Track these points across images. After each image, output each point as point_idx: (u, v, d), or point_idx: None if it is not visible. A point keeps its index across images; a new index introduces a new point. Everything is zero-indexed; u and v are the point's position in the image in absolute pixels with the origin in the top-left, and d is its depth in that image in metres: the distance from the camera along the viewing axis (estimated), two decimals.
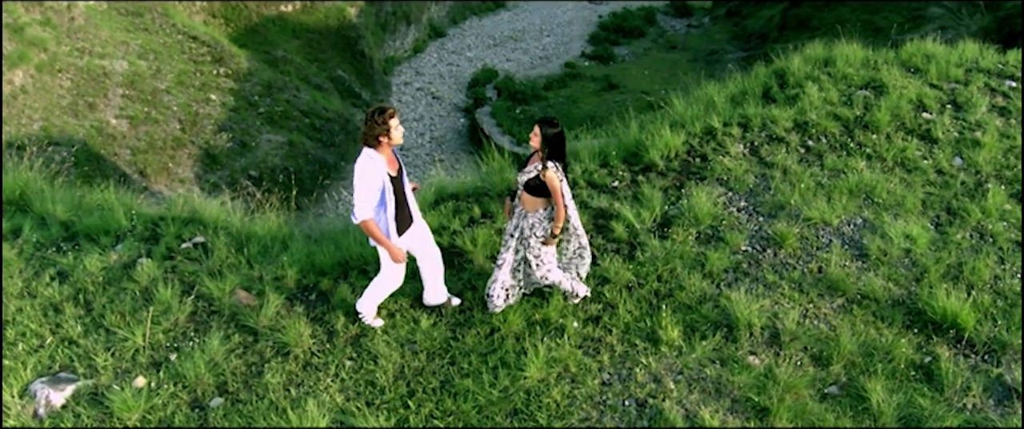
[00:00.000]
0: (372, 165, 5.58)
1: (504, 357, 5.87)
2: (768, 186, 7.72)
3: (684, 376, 5.70)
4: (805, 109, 8.77)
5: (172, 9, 24.20)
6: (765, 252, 6.91)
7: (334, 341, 6.14)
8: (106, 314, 6.34)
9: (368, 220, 5.60)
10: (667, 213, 7.37)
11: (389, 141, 5.61)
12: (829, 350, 5.87)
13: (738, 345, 5.95)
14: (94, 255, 7.05)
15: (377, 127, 5.53)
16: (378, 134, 5.55)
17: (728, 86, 9.76)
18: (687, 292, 6.44)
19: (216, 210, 7.91)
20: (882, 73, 9.62)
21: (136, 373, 5.81)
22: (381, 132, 5.54)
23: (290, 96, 25.70)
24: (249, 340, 6.14)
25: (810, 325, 6.14)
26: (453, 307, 6.42)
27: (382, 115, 5.54)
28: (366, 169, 5.57)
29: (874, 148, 8.28)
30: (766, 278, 6.58)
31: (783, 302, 6.35)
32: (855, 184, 7.61)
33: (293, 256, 7.03)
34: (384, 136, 5.56)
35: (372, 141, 5.58)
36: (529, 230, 5.96)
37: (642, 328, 6.12)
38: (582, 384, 5.64)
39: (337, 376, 5.82)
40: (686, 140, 8.37)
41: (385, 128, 5.55)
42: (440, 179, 8.54)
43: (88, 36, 19.83)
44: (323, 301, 6.57)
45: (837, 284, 6.49)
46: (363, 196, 5.55)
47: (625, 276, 6.58)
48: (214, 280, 6.68)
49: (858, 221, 7.26)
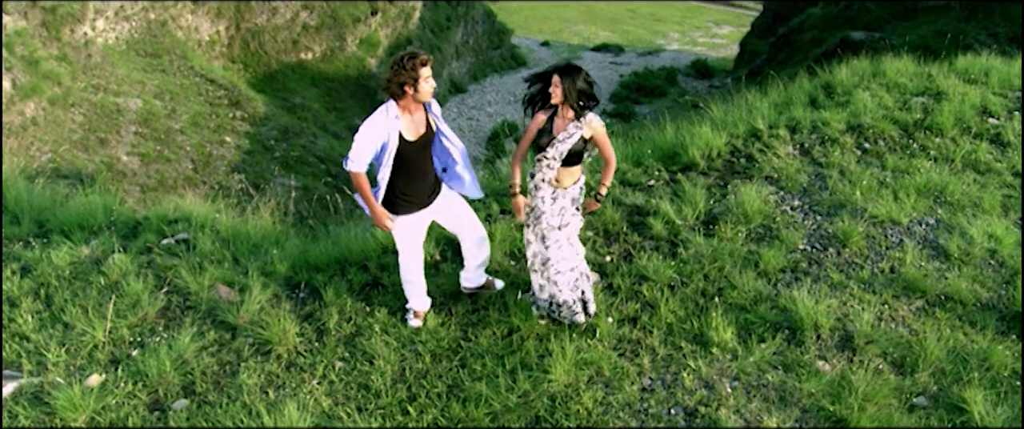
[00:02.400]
0: (380, 119, 4.73)
1: (524, 359, 4.95)
2: (824, 185, 6.83)
3: (741, 382, 4.73)
4: (859, 112, 7.92)
5: (191, 53, 23.99)
6: (827, 251, 5.98)
7: (324, 340, 5.25)
8: (67, 308, 5.49)
9: (358, 174, 4.74)
10: (712, 210, 6.48)
11: (415, 94, 4.72)
12: (913, 356, 4.90)
13: (804, 348, 4.99)
14: (63, 249, 6.24)
15: (403, 73, 4.63)
16: (403, 82, 4.65)
17: (770, 94, 8.95)
18: (739, 291, 5.51)
19: (205, 209, 7.11)
20: (939, 81, 8.79)
21: (92, 371, 4.93)
22: (407, 80, 4.64)
23: (306, 142, 25.22)
24: (226, 337, 5.26)
25: (887, 328, 5.17)
26: (495, 291, 5.51)
27: (412, 61, 4.63)
28: (371, 121, 4.73)
29: (939, 150, 7.39)
30: (830, 277, 5.64)
31: (853, 303, 5.40)
32: (923, 184, 6.70)
33: (284, 252, 6.18)
34: (409, 86, 4.67)
35: (396, 90, 4.69)
36: (572, 207, 5.04)
37: (688, 329, 5.18)
38: (618, 390, 4.69)
39: (325, 378, 4.90)
40: (729, 141, 7.52)
41: (413, 77, 4.64)
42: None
43: (104, 73, 19.50)
44: (315, 298, 5.70)
45: (915, 285, 5.54)
46: (358, 147, 4.72)
47: (666, 274, 5.66)
48: (192, 274, 5.83)
49: (931, 220, 6.33)
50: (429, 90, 4.75)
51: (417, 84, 4.68)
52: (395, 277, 5.83)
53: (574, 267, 5.08)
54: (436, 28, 41.94)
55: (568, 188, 5.04)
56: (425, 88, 4.72)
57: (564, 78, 4.78)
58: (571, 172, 5.02)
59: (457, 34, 44.04)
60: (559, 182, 5.01)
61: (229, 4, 26.00)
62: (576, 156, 4.97)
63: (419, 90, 4.70)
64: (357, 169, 4.72)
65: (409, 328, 5.33)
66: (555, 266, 5.02)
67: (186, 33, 24.14)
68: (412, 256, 5.18)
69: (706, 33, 54.75)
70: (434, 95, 4.84)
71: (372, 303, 5.59)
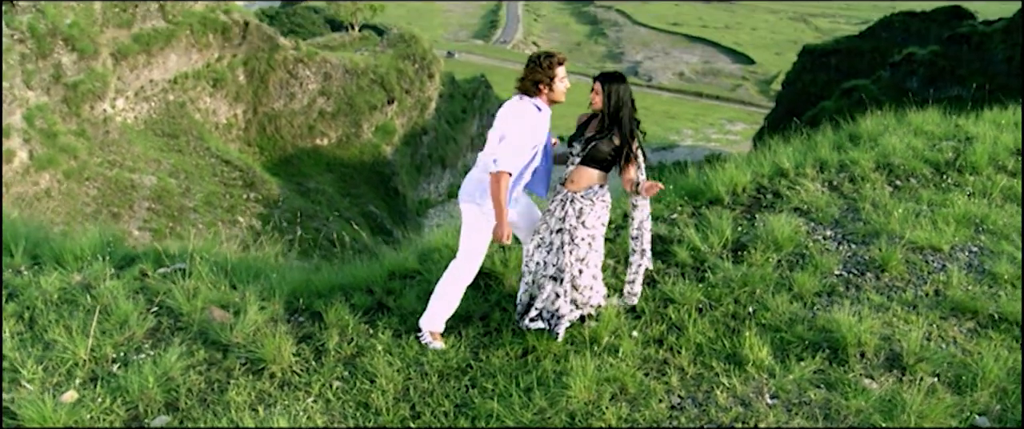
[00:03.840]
0: (532, 114, 4.53)
1: (541, 377, 4.51)
2: (857, 216, 6.46)
3: (780, 400, 4.26)
4: (888, 152, 7.63)
5: (208, 134, 24.28)
6: (865, 275, 5.57)
7: (323, 360, 4.84)
8: (49, 328, 5.13)
9: (505, 176, 4.49)
10: (739, 239, 6.11)
11: (550, 94, 4.57)
12: (969, 375, 4.43)
13: (847, 367, 4.53)
14: (53, 275, 5.92)
15: (539, 72, 4.50)
16: (538, 80, 4.50)
17: (792, 143, 8.69)
18: (773, 313, 5.09)
19: (207, 243, 6.81)
20: (967, 128, 8.53)
21: (68, 387, 4.52)
22: (542, 78, 4.50)
23: (320, 225, 25.17)
24: (217, 357, 4.87)
25: (937, 347, 4.71)
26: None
27: (549, 59, 4.51)
28: (527, 114, 4.52)
29: (974, 186, 7.04)
30: (871, 300, 5.21)
31: (898, 323, 4.96)
32: (962, 214, 6.33)
33: (285, 278, 5.84)
34: (545, 85, 4.52)
35: (530, 87, 4.54)
36: (577, 216, 4.73)
37: (719, 350, 4.74)
38: (645, 407, 4.23)
39: (321, 396, 4.48)
40: (754, 179, 7.22)
41: (550, 75, 4.50)
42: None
43: (120, 150, 19.64)
44: (316, 320, 5.31)
45: (963, 306, 5.11)
46: (514, 145, 4.46)
47: (694, 297, 5.26)
48: (186, 296, 5.48)
49: (974, 248, 5.93)
50: (564, 90, 4.62)
51: (553, 83, 4.55)
52: (401, 301, 5.47)
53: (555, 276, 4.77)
54: (452, 119, 42.61)
55: (577, 194, 4.76)
56: (561, 88, 4.59)
57: (605, 84, 4.61)
58: (586, 174, 4.74)
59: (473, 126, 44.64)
60: (573, 182, 4.74)
61: (247, 88, 26.50)
62: (599, 161, 4.71)
63: (554, 89, 4.57)
64: (510, 168, 4.49)
65: (415, 348, 4.91)
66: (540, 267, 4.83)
67: (204, 115, 24.50)
68: (478, 257, 4.88)
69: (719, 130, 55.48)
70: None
71: (376, 325, 5.20)
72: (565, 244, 4.74)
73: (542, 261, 4.84)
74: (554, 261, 4.79)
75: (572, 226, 4.73)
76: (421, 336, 4.99)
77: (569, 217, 4.74)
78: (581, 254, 4.77)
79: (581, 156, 4.73)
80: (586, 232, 4.75)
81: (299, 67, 28.55)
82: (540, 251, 4.85)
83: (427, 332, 4.99)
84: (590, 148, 4.69)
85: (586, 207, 4.74)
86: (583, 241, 4.75)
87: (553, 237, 4.81)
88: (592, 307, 4.91)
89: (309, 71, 29.23)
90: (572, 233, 4.73)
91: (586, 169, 4.74)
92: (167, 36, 22.21)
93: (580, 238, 4.74)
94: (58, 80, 18.13)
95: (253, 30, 26.09)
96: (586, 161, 4.71)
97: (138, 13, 20.51)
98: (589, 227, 4.75)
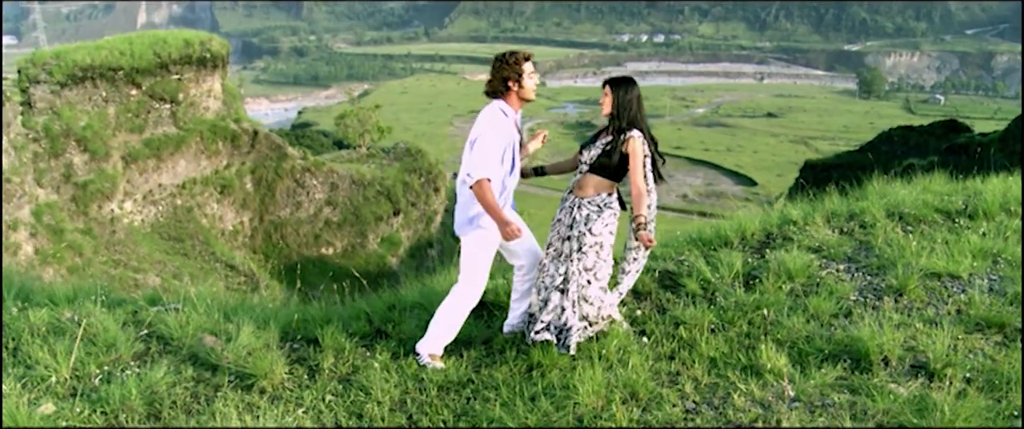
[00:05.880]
0: (504, 118, 4.47)
1: (547, 388, 4.26)
2: (871, 253, 6.29)
3: (802, 403, 4.00)
4: (898, 203, 7.53)
5: (214, 240, 24.33)
6: (882, 299, 5.35)
7: (317, 377, 4.60)
8: (33, 353, 4.91)
9: (486, 183, 4.38)
10: (751, 272, 5.93)
11: (520, 91, 4.52)
12: (1001, 380, 4.16)
13: (871, 374, 4.28)
14: (43, 311, 5.74)
15: (507, 68, 4.46)
16: (506, 77, 4.47)
17: (799, 201, 8.61)
18: (789, 330, 4.86)
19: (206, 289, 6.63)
20: (975, 185, 8.46)
21: (47, 401, 4.28)
22: (511, 75, 4.46)
23: None
24: (205, 375, 4.63)
25: (964, 357, 4.46)
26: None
27: (515, 56, 4.50)
28: (497, 120, 4.45)
29: (987, 230, 6.89)
30: (891, 318, 4.98)
31: (920, 337, 4.72)
32: (978, 248, 6.16)
33: (279, 313, 5.65)
34: (513, 82, 4.48)
35: (499, 86, 4.50)
36: (584, 223, 4.61)
37: (734, 362, 4.50)
38: (658, 410, 3.97)
39: (313, 409, 4.22)
40: (763, 227, 7.09)
41: (517, 72, 4.47)
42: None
43: (126, 250, 19.64)
44: (311, 344, 5.09)
45: (989, 320, 4.87)
46: (487, 153, 4.37)
47: (706, 319, 5.04)
48: (178, 324, 5.28)
49: (993, 276, 5.73)
50: (534, 87, 4.57)
51: (521, 80, 4.50)
52: (401, 327, 5.26)
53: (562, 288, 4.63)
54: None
55: (583, 201, 4.66)
56: (528, 85, 4.54)
57: (615, 89, 4.60)
58: (593, 182, 4.67)
59: None
60: (581, 189, 4.66)
61: (254, 196, 26.79)
62: (604, 168, 4.65)
63: (524, 86, 4.52)
64: (487, 175, 4.38)
65: (413, 367, 4.67)
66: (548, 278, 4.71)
67: (211, 221, 24.64)
68: (482, 284, 4.72)
69: None
70: None
71: (374, 348, 4.97)
72: (573, 252, 4.61)
73: (551, 271, 4.69)
74: (562, 271, 4.65)
75: (580, 232, 4.61)
76: (420, 358, 4.77)
77: (577, 223, 4.63)
78: (588, 263, 4.62)
79: (590, 164, 4.68)
80: (594, 239, 4.61)
81: (306, 176, 28.97)
82: (550, 260, 4.72)
83: (426, 354, 4.77)
84: (599, 156, 4.65)
85: (593, 214, 4.63)
86: (591, 249, 4.61)
87: (562, 245, 4.70)
88: (604, 320, 4.70)
89: (316, 180, 29.64)
90: (580, 240, 4.60)
91: (593, 177, 4.67)
92: (177, 142, 22.71)
93: (588, 245, 4.60)
94: (68, 179, 18.41)
95: (262, 139, 26.69)
96: (594, 169, 4.66)
97: (150, 119, 21.06)
98: (596, 234, 4.61)
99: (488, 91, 4.55)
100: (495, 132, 4.48)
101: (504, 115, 4.54)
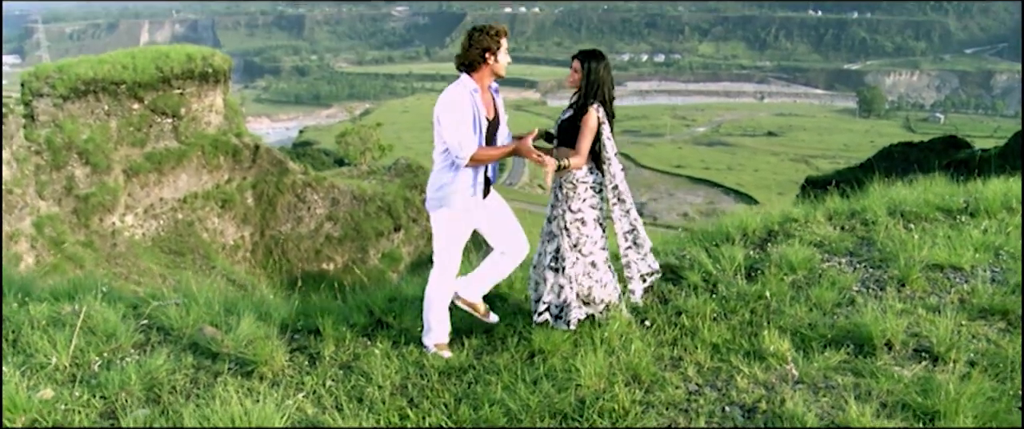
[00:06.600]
0: (459, 92, 4.43)
1: (549, 371, 4.25)
2: (872, 248, 6.28)
3: (805, 384, 3.98)
4: (899, 202, 7.52)
5: (215, 254, 24.32)
6: (885, 289, 5.34)
7: (317, 365, 4.59)
8: (32, 342, 4.90)
9: (474, 152, 4.40)
10: (752, 265, 5.92)
11: (494, 64, 4.48)
12: (1005, 363, 4.14)
13: (875, 357, 4.26)
14: (44, 305, 5.73)
15: (487, 38, 4.41)
16: (486, 47, 4.41)
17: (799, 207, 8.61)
18: (792, 318, 4.85)
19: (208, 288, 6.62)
20: (977, 188, 8.46)
21: (45, 386, 4.26)
22: (490, 46, 4.42)
23: None
24: (206, 362, 4.62)
25: (967, 342, 4.43)
26: (488, 323, 4.92)
27: (493, 28, 4.46)
28: (453, 101, 4.41)
29: (988, 226, 6.88)
30: (894, 306, 4.96)
31: (924, 324, 4.70)
32: (980, 242, 6.15)
33: (280, 306, 5.64)
34: (491, 54, 4.43)
35: (477, 57, 4.44)
36: (565, 200, 4.62)
37: (737, 347, 4.49)
38: (660, 391, 3.95)
39: (313, 393, 4.20)
40: (764, 224, 7.09)
41: (496, 43, 4.43)
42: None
43: (127, 263, 19.63)
44: (312, 334, 5.08)
45: (992, 308, 4.86)
46: (459, 131, 4.36)
47: (708, 308, 5.03)
48: (179, 314, 5.27)
49: (995, 268, 5.71)
50: (506, 63, 4.55)
51: (496, 53, 4.46)
52: (402, 319, 5.25)
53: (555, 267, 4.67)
54: None
55: (563, 178, 4.68)
56: (502, 60, 4.51)
57: (584, 62, 4.60)
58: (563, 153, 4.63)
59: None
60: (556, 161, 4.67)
61: (255, 210, 26.81)
62: (566, 135, 4.64)
63: (499, 60, 4.48)
64: (473, 149, 4.39)
65: (415, 354, 4.66)
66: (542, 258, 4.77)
67: (211, 235, 24.64)
68: (453, 264, 4.69)
69: None
70: None
71: (375, 338, 4.96)
72: (561, 230, 4.65)
73: (543, 250, 4.72)
74: (551, 249, 4.69)
75: (562, 211, 4.64)
76: (427, 350, 4.76)
77: (559, 202, 4.67)
78: (573, 240, 4.64)
79: (556, 137, 4.70)
80: (573, 216, 4.63)
81: (307, 191, 29.01)
82: (542, 242, 4.76)
83: (432, 345, 4.76)
84: (561, 124, 4.66)
85: (570, 191, 4.64)
86: (573, 225, 4.63)
87: (550, 225, 4.74)
88: (602, 302, 4.69)
89: (317, 196, 29.67)
90: (563, 217, 4.63)
91: (565, 150, 4.65)
92: (179, 156, 22.76)
93: (569, 222, 4.63)
94: (70, 192, 18.44)
95: (263, 154, 26.77)
96: (563, 142, 4.66)
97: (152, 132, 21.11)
98: (575, 211, 4.63)
99: (463, 63, 4.49)
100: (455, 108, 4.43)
101: (468, 93, 4.47)
